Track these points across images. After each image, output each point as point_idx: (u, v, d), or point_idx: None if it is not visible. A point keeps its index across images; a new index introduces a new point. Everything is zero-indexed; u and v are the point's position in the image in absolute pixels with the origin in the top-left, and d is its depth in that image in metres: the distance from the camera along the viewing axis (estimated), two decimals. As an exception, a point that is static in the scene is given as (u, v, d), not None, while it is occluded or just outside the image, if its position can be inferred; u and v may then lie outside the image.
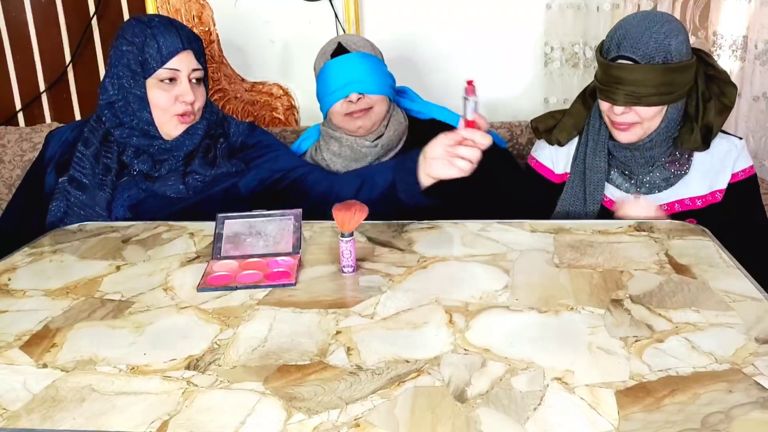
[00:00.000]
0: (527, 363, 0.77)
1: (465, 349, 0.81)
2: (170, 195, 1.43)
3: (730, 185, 1.35)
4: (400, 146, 1.63)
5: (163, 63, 1.40)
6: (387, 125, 1.60)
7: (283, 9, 2.00)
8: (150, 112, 1.42)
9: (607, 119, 1.36)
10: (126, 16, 2.07)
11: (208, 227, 1.25)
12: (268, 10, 2.01)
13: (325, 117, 1.62)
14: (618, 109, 1.31)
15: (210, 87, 2.06)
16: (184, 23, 2.01)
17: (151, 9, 2.00)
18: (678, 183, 1.37)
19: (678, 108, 1.33)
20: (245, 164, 1.51)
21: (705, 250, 1.08)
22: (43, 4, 2.09)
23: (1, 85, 2.16)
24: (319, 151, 1.65)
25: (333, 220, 1.04)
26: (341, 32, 1.98)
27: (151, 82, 1.41)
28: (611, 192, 1.41)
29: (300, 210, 1.17)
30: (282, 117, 2.11)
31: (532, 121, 1.52)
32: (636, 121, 1.31)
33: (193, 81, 1.44)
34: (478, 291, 0.96)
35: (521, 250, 1.11)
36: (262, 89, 2.09)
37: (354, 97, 1.52)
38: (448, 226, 1.24)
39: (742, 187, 1.36)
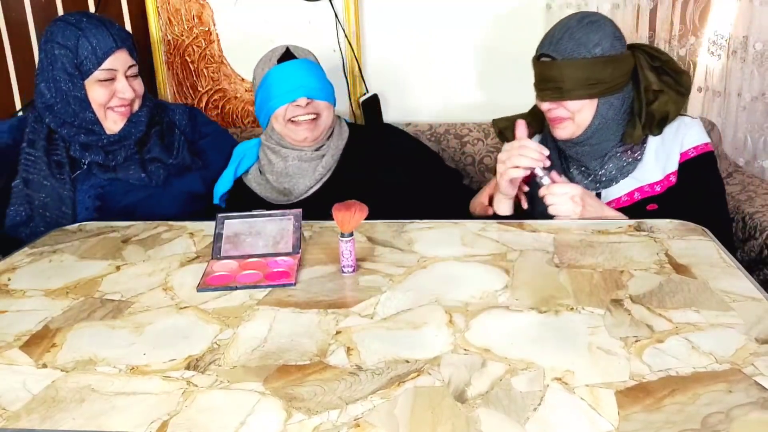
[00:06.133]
0: (527, 363, 0.77)
1: (465, 349, 0.80)
2: (132, 183, 1.46)
3: (680, 165, 1.34)
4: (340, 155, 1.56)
5: (99, 64, 1.43)
6: (330, 136, 1.55)
7: (283, 9, 2.00)
8: (93, 111, 1.45)
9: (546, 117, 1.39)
10: (126, 16, 2.07)
11: (208, 227, 1.25)
12: (268, 10, 2.01)
13: (265, 127, 1.56)
14: (545, 105, 1.36)
15: (210, 87, 2.07)
16: (185, 23, 2.02)
17: (151, 9, 2.00)
18: (634, 171, 1.37)
19: (612, 103, 1.33)
20: (200, 154, 1.59)
21: (705, 250, 1.08)
22: (43, 4, 2.09)
23: (1, 85, 2.16)
24: (263, 171, 1.56)
25: (333, 220, 1.04)
26: (341, 32, 1.98)
27: (89, 83, 1.44)
28: None
29: (300, 210, 1.17)
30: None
31: (493, 120, 1.53)
32: (566, 116, 1.34)
33: (130, 76, 1.48)
34: (478, 291, 0.96)
35: (521, 250, 1.11)
36: (262, 89, 2.09)
37: (302, 101, 1.46)
38: (448, 226, 1.24)
39: (693, 165, 1.34)
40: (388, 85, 2.02)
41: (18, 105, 2.17)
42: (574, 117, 1.33)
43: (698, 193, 1.32)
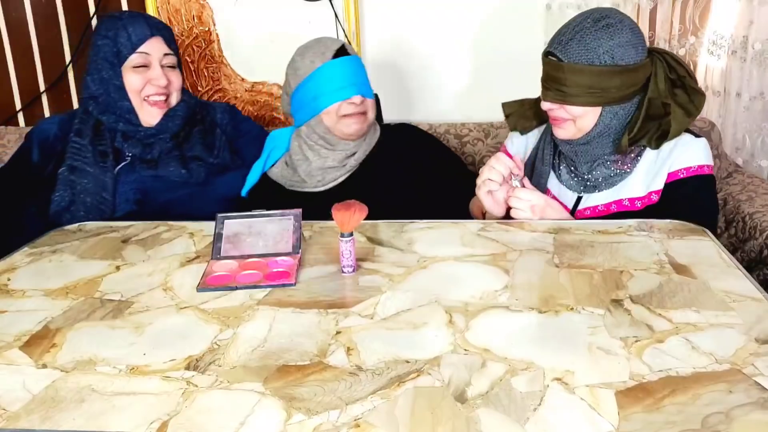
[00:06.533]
0: (527, 363, 0.77)
1: (465, 350, 0.80)
2: (174, 179, 1.48)
3: (666, 185, 1.29)
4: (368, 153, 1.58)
5: (134, 49, 1.47)
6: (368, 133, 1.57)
7: (283, 9, 2.00)
8: (129, 101, 1.49)
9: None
10: (126, 16, 2.07)
11: (207, 227, 1.25)
12: (268, 10, 2.01)
13: (305, 121, 1.53)
14: (545, 104, 1.32)
15: (210, 87, 2.07)
16: (185, 23, 2.02)
17: (151, 9, 2.00)
18: (620, 183, 1.33)
19: (617, 112, 1.29)
20: (239, 151, 1.61)
21: (705, 250, 1.08)
22: (43, 4, 2.09)
23: (1, 85, 2.16)
24: (292, 166, 1.55)
25: (333, 219, 1.04)
26: (341, 32, 1.98)
27: (126, 70, 1.48)
28: (554, 184, 1.40)
29: (300, 210, 1.17)
30: (282, 117, 2.11)
31: (502, 104, 1.51)
32: (567, 118, 1.30)
33: (166, 66, 1.51)
34: (478, 291, 0.96)
35: (521, 250, 1.11)
36: (262, 89, 2.09)
37: (357, 99, 1.48)
38: (448, 226, 1.24)
39: (680, 186, 1.28)
40: (388, 85, 2.03)
41: (18, 105, 2.17)
42: (576, 120, 1.30)
43: (677, 217, 1.22)
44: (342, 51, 1.51)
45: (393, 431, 0.66)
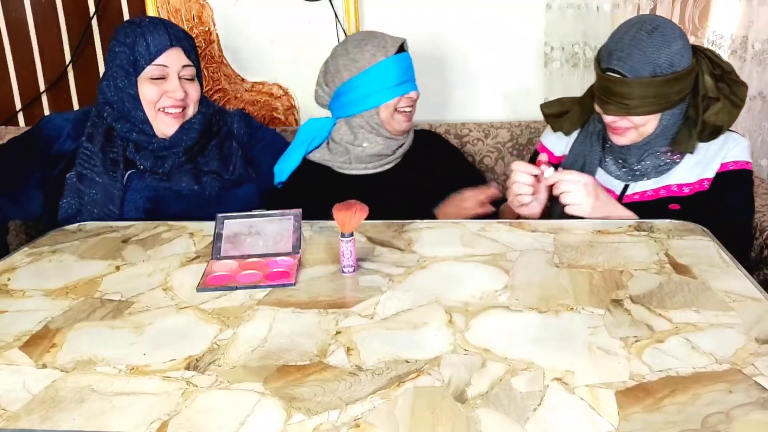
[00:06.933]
0: (527, 363, 0.77)
1: (465, 350, 0.80)
2: (185, 193, 1.45)
3: (718, 174, 1.34)
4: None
5: (152, 60, 1.43)
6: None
7: (283, 9, 2.00)
8: (143, 111, 1.45)
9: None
10: (126, 16, 2.07)
11: (207, 227, 1.25)
12: (268, 10, 2.01)
13: (356, 112, 1.55)
14: (608, 118, 1.34)
15: (210, 87, 2.07)
16: (184, 23, 2.02)
17: (151, 9, 2.00)
18: (668, 172, 1.37)
19: (674, 113, 1.33)
20: (253, 161, 1.59)
21: (705, 250, 1.08)
22: (43, 4, 2.09)
23: (1, 85, 2.16)
24: (338, 150, 1.58)
25: (333, 219, 1.04)
26: (341, 32, 1.98)
27: (141, 80, 1.44)
28: (600, 176, 1.42)
29: (300, 210, 1.17)
30: (282, 117, 2.11)
31: (541, 105, 1.54)
32: (630, 127, 1.33)
33: (184, 78, 1.46)
34: (478, 291, 0.96)
35: (521, 250, 1.11)
36: (262, 89, 2.09)
37: (415, 95, 1.55)
38: (448, 226, 1.24)
39: (729, 177, 1.34)
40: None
41: (18, 105, 2.17)
42: (638, 128, 1.33)
43: (726, 205, 1.31)
44: (401, 47, 1.55)
45: (393, 431, 0.66)
